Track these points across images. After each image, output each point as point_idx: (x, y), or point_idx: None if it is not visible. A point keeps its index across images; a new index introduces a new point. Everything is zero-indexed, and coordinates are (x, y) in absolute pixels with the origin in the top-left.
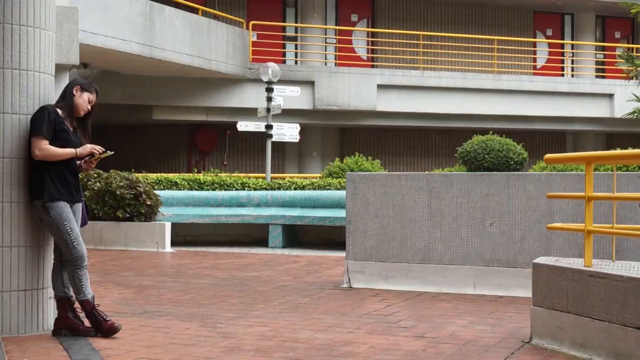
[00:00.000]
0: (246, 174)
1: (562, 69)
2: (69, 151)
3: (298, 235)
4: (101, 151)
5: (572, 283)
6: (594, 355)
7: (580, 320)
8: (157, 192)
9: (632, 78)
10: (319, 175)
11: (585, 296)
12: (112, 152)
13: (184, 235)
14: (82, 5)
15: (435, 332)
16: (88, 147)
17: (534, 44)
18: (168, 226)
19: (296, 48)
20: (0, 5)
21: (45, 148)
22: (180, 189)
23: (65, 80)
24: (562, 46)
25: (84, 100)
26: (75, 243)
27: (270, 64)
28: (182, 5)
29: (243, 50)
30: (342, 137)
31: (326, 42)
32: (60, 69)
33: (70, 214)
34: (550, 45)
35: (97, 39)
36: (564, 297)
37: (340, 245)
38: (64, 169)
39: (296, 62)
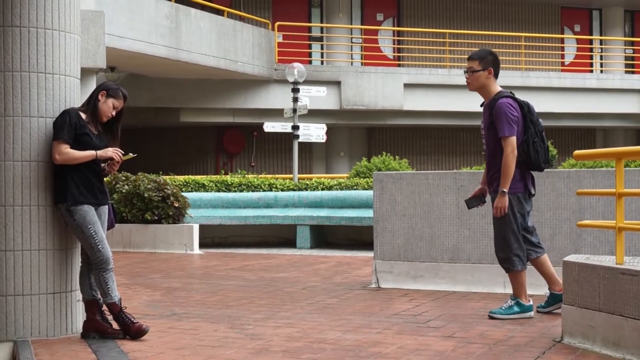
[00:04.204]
0: (273, 175)
1: (591, 64)
2: (88, 154)
3: (326, 236)
4: (122, 154)
5: (603, 281)
6: (627, 354)
7: (613, 318)
8: (184, 194)
9: None
10: (346, 175)
11: (617, 294)
12: (135, 155)
13: (212, 237)
14: (108, 9)
15: (465, 332)
16: (109, 151)
17: (562, 40)
18: (196, 228)
19: (322, 48)
20: (25, 9)
21: (65, 152)
22: (207, 191)
23: (92, 84)
24: (590, 42)
25: (107, 106)
26: (100, 246)
27: (296, 64)
28: (207, 7)
29: (269, 51)
30: (369, 136)
31: (352, 42)
32: (87, 72)
33: (94, 217)
34: (578, 41)
35: (124, 43)
36: (596, 295)
37: (368, 245)
38: (87, 172)
39: (322, 62)
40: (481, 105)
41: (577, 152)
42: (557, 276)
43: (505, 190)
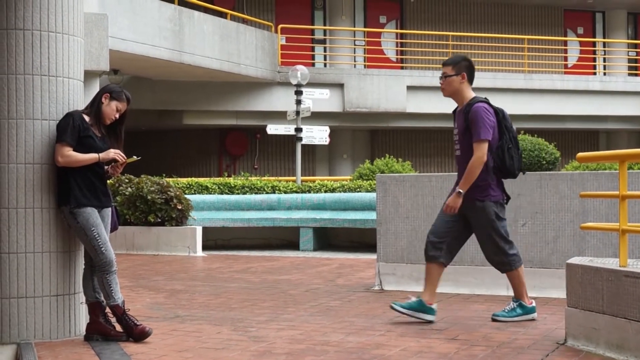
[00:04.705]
0: (276, 177)
1: (594, 67)
2: (91, 156)
3: (329, 238)
4: (124, 157)
5: (607, 283)
6: (630, 357)
7: (616, 321)
8: (188, 196)
9: None
10: (349, 177)
11: (621, 296)
12: (139, 158)
13: (215, 239)
14: (111, 11)
15: (468, 334)
16: (111, 153)
17: (565, 43)
18: (199, 230)
19: (325, 50)
20: (29, 12)
21: (67, 154)
22: (210, 193)
23: (95, 87)
24: (593, 44)
25: (111, 108)
26: (103, 248)
27: (299, 66)
28: (210, 10)
29: (272, 54)
30: (372, 139)
31: (355, 44)
32: (90, 75)
33: (97, 220)
34: (581, 43)
35: (127, 45)
36: (599, 297)
37: (371, 247)
38: (91, 175)
39: (325, 65)
40: (453, 112)
41: (580, 154)
42: (435, 291)
43: (462, 191)
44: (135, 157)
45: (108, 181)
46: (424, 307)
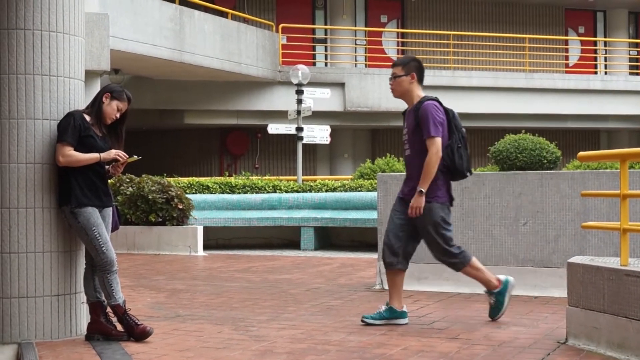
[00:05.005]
0: (277, 177)
1: (595, 66)
2: (92, 156)
3: (330, 237)
4: (125, 157)
5: (608, 282)
6: (631, 356)
7: (617, 320)
8: (189, 196)
9: None
10: (350, 177)
11: (622, 296)
12: (140, 157)
13: (216, 238)
14: (112, 11)
15: (469, 333)
16: (112, 153)
17: (566, 42)
18: (200, 230)
19: (326, 50)
20: (30, 12)
21: (68, 154)
22: (211, 193)
23: (96, 86)
24: (594, 43)
25: (112, 108)
26: (104, 248)
27: (300, 66)
28: (211, 9)
29: (273, 53)
30: (373, 138)
31: (356, 44)
32: (91, 75)
33: (98, 219)
34: (582, 42)
35: (128, 45)
36: (600, 297)
37: (372, 246)
38: (91, 174)
39: (326, 64)
40: (403, 113)
41: (581, 153)
42: (401, 296)
43: (423, 190)
44: (136, 156)
45: (109, 181)
46: (396, 313)
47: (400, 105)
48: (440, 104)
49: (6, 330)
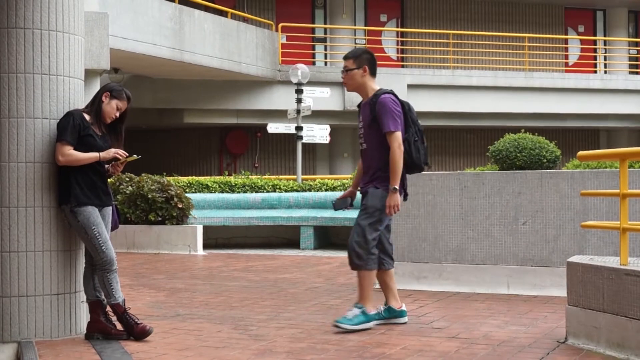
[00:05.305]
0: (277, 176)
1: (595, 65)
2: (91, 155)
3: (330, 237)
4: (125, 155)
5: (607, 282)
6: (631, 355)
7: (617, 319)
8: (188, 195)
9: None
10: (350, 176)
11: (622, 295)
12: (139, 156)
13: (215, 238)
14: (112, 10)
15: (469, 332)
16: (112, 152)
17: (566, 41)
18: (200, 229)
19: (325, 49)
20: (29, 11)
21: (68, 154)
22: (211, 192)
23: (96, 85)
24: (594, 42)
25: (111, 107)
26: (103, 247)
27: (300, 65)
28: (211, 8)
29: (272, 53)
30: None
31: (355, 43)
32: (91, 74)
33: (98, 218)
34: (582, 41)
35: (128, 44)
36: (600, 296)
37: None
38: (91, 173)
39: (326, 64)
40: (358, 106)
41: (581, 152)
42: (397, 294)
43: (396, 187)
44: (135, 155)
45: (109, 180)
46: (395, 312)
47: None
48: (396, 96)
49: (6, 329)
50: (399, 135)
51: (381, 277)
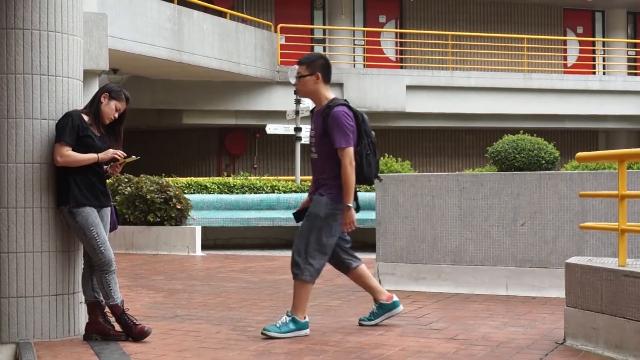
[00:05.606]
0: (276, 177)
1: (594, 66)
2: (90, 156)
3: None
4: (124, 156)
5: (606, 283)
6: (629, 357)
7: (615, 320)
8: (187, 196)
9: None
10: None
11: (620, 296)
12: (138, 157)
13: (214, 238)
14: (111, 11)
15: (467, 334)
16: (110, 152)
17: (564, 42)
18: (198, 230)
19: (324, 50)
20: (28, 11)
21: (67, 154)
22: (210, 193)
23: (94, 86)
24: (593, 44)
25: (110, 108)
26: (102, 248)
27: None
28: (210, 9)
29: (271, 53)
30: None
31: (354, 44)
32: (89, 74)
33: (96, 219)
34: (580, 42)
35: (126, 45)
36: (598, 297)
37: (370, 247)
38: (90, 174)
39: None
40: (311, 112)
41: (579, 154)
42: (380, 285)
43: (350, 205)
44: (134, 156)
45: (107, 181)
46: (388, 306)
47: (400, 105)
48: (350, 108)
49: (4, 330)
50: (350, 151)
51: (355, 277)
